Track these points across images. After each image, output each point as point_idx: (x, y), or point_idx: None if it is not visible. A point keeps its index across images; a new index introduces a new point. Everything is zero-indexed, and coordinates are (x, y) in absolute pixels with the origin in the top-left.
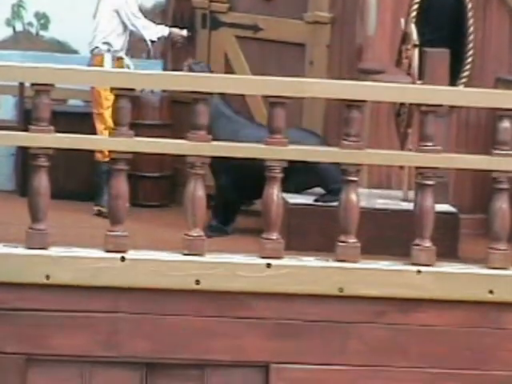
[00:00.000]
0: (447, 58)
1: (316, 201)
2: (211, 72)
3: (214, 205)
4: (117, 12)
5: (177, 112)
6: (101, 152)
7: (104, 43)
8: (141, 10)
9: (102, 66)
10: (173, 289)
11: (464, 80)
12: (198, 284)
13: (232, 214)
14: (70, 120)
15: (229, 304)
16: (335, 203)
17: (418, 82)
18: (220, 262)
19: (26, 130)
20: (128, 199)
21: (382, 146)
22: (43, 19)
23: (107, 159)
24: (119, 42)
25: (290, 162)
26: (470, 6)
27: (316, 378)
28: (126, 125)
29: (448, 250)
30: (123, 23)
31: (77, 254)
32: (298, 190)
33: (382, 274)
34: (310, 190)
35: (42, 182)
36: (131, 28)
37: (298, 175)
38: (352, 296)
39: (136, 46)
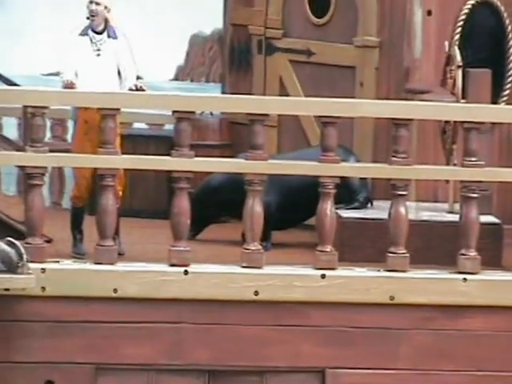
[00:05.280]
0: (489, 78)
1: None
2: None
3: None
4: None
5: (235, 133)
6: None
7: None
8: None
9: None
10: (233, 300)
11: (505, 98)
12: (256, 295)
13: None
14: (135, 142)
15: (286, 313)
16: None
17: (462, 100)
18: (277, 274)
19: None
20: (189, 216)
21: (429, 162)
22: None
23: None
24: None
25: None
26: (509, 28)
27: (369, 382)
28: (187, 146)
29: (492, 258)
30: None
31: (142, 269)
32: None
33: (430, 282)
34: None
35: (109, 200)
36: None
37: None
38: (402, 304)
39: (196, 70)
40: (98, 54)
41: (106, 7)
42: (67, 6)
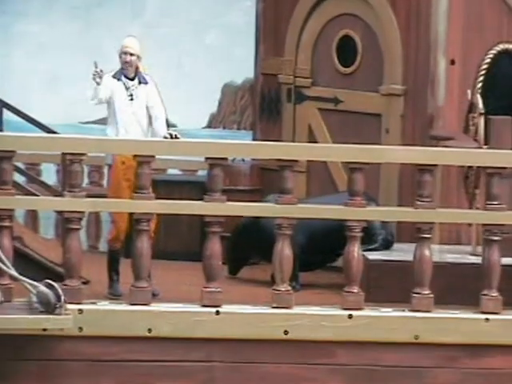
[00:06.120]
0: (510, 125)
1: (367, 250)
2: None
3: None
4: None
5: (266, 178)
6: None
7: None
8: None
9: None
10: (263, 339)
11: None
12: (286, 334)
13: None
14: (170, 187)
15: (314, 352)
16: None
17: (484, 146)
18: (306, 314)
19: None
20: (221, 258)
21: (452, 206)
22: None
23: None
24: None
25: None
26: None
27: None
28: (219, 191)
29: None
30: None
31: (176, 309)
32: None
33: (454, 322)
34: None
35: (144, 244)
36: None
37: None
38: (426, 343)
39: (228, 118)
40: (131, 99)
41: (138, 56)
42: (103, 57)
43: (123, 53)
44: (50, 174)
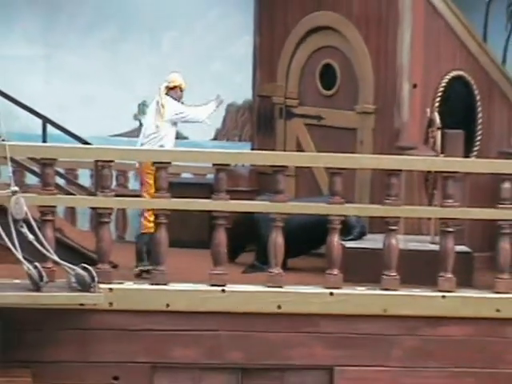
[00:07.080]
0: (462, 137)
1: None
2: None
3: (257, 249)
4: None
5: (262, 180)
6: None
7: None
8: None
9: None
10: (260, 312)
11: (475, 153)
12: (279, 308)
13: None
14: (183, 188)
15: (302, 322)
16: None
17: (441, 155)
18: (295, 292)
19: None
20: (226, 246)
21: (415, 203)
22: None
23: (150, 231)
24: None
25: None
26: (478, 97)
27: (368, 377)
28: (224, 191)
29: (465, 279)
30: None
31: (189, 288)
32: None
33: (416, 298)
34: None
35: (162, 234)
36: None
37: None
38: (393, 315)
39: (231, 131)
40: None
41: None
42: (130, 80)
43: (180, 90)
44: (85, 177)
